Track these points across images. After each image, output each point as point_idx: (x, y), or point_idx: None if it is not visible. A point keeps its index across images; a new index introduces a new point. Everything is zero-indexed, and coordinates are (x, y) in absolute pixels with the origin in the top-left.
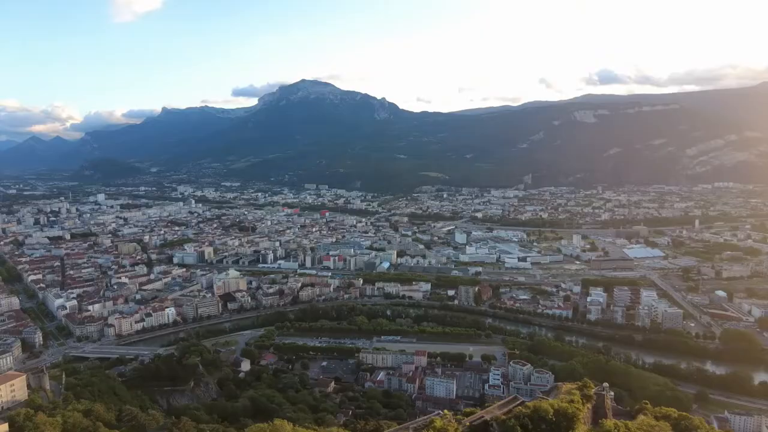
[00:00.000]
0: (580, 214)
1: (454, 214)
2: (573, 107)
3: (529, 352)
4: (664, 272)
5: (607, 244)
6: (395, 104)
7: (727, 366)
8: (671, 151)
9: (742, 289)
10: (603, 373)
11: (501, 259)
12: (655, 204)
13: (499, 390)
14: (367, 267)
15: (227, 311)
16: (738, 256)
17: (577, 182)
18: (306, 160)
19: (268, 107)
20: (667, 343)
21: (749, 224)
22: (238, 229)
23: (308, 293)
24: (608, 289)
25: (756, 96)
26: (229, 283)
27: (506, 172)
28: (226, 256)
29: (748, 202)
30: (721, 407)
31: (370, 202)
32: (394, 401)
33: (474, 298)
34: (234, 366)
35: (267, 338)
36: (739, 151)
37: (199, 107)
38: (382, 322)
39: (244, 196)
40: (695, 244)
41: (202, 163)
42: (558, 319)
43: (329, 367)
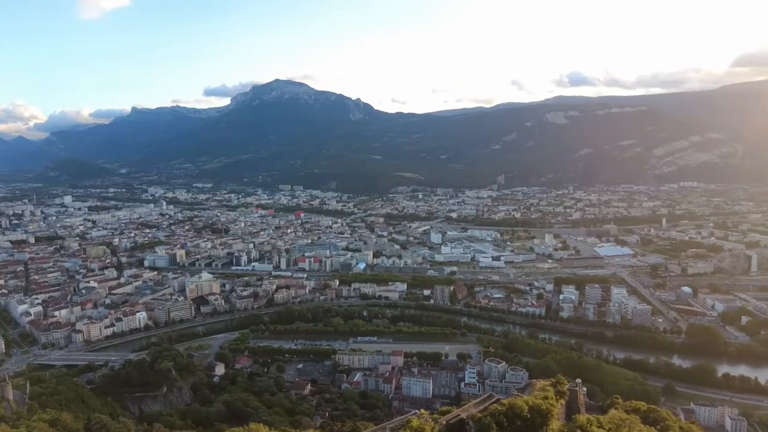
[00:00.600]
0: (551, 214)
1: (430, 214)
2: (544, 108)
3: (503, 350)
4: (634, 270)
5: (579, 242)
6: (370, 105)
7: (692, 359)
8: (639, 151)
9: (705, 285)
10: (576, 370)
11: (475, 259)
12: (625, 203)
13: (474, 388)
14: (343, 268)
15: (200, 315)
16: (702, 253)
17: (548, 182)
18: (280, 160)
19: (241, 107)
20: (636, 338)
21: (712, 222)
22: (211, 231)
23: (283, 295)
24: (580, 287)
25: (717, 99)
26: (202, 286)
27: (480, 172)
28: (199, 259)
29: (711, 201)
30: (688, 399)
31: (345, 203)
32: (371, 402)
33: (449, 298)
34: (208, 370)
35: (241, 341)
36: (703, 152)
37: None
38: (359, 323)
39: (217, 197)
40: (662, 242)
41: (173, 164)
42: (531, 317)
43: (305, 370)
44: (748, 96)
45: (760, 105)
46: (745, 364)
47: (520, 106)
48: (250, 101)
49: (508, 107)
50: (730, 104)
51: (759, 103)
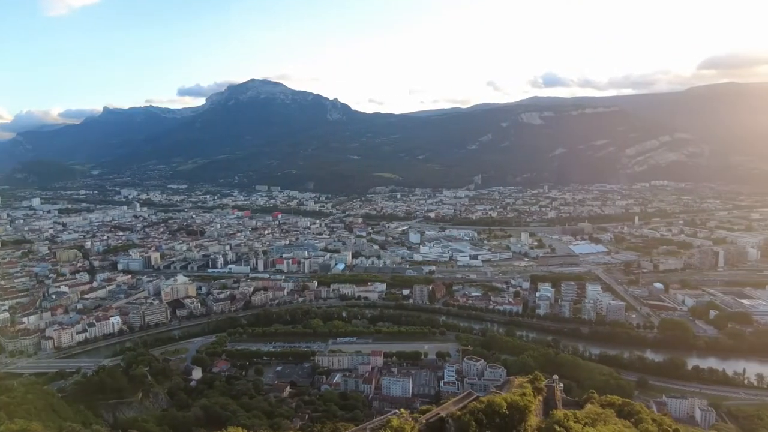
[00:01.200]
0: (527, 213)
1: (408, 214)
2: (520, 109)
3: (482, 348)
4: (608, 267)
5: (554, 241)
6: (348, 105)
7: (664, 353)
8: (612, 151)
9: (676, 281)
10: (553, 366)
11: (454, 258)
12: (598, 202)
13: (454, 386)
14: (322, 269)
15: (176, 318)
16: (673, 250)
17: (524, 182)
18: (257, 161)
19: (216, 107)
20: (611, 334)
21: (682, 220)
22: (186, 233)
23: (261, 297)
24: (556, 285)
25: (685, 100)
26: (178, 289)
27: (457, 172)
28: (174, 262)
29: (681, 199)
30: (660, 392)
31: (323, 204)
32: (351, 403)
33: (428, 297)
34: (185, 374)
35: (219, 345)
36: (672, 152)
37: (143, 107)
38: (338, 324)
39: (192, 198)
40: (635, 239)
41: (147, 165)
42: (509, 314)
43: (284, 372)
44: (713, 98)
45: (725, 107)
46: (714, 356)
47: (495, 106)
48: (226, 101)
49: (484, 108)
50: (697, 105)
51: (724, 104)
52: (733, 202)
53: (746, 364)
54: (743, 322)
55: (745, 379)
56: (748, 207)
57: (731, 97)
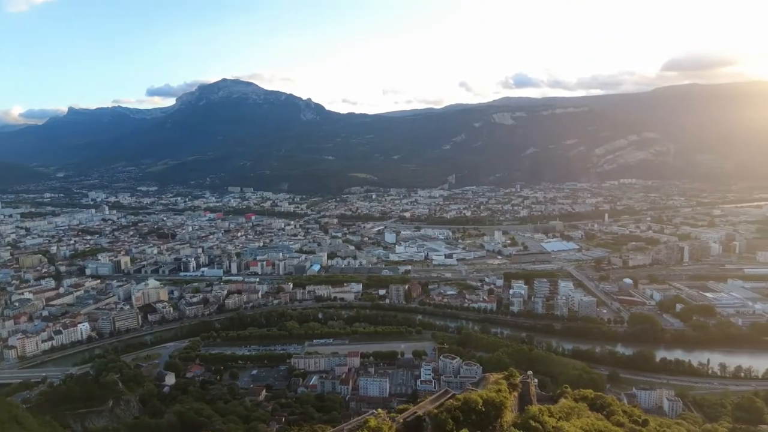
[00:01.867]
0: (500, 212)
1: (383, 214)
2: (492, 109)
3: (457, 346)
4: (579, 263)
5: (527, 239)
6: (321, 105)
7: (634, 347)
8: (582, 150)
9: (645, 276)
10: (527, 362)
11: (429, 257)
12: (569, 200)
13: (430, 385)
14: (297, 270)
15: (148, 323)
16: (641, 246)
17: (497, 181)
18: (229, 161)
19: (187, 107)
20: (583, 329)
21: (649, 217)
22: (157, 236)
23: (235, 301)
24: (529, 282)
25: (651, 100)
26: (149, 293)
27: (431, 172)
28: (145, 265)
29: (648, 197)
30: (630, 385)
31: (298, 204)
32: (328, 404)
33: (404, 296)
34: (158, 380)
35: (192, 349)
36: (640, 151)
37: (110, 107)
38: (314, 325)
39: (163, 201)
40: (605, 236)
41: (115, 167)
42: (483, 312)
43: (260, 375)
44: (677, 98)
45: (688, 107)
46: (680, 348)
47: (468, 107)
48: (197, 101)
49: (457, 108)
50: (663, 106)
51: (687, 105)
52: (697, 199)
53: (710, 354)
54: (707, 315)
55: (709, 369)
56: (710, 204)
57: (694, 97)
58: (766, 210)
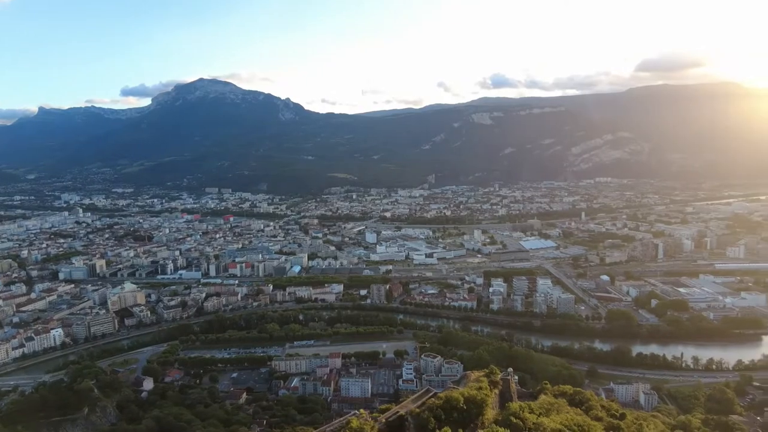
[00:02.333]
0: (479, 211)
1: (364, 214)
2: (470, 110)
3: (439, 345)
4: (557, 261)
5: (505, 237)
6: (300, 105)
7: (611, 342)
8: (558, 149)
9: (621, 273)
10: (507, 359)
11: (410, 257)
12: (546, 199)
13: (412, 384)
14: (277, 272)
15: (125, 328)
16: (617, 244)
17: (476, 180)
18: (206, 162)
19: (163, 107)
20: (561, 326)
21: (625, 214)
22: (133, 238)
23: (214, 303)
24: (508, 280)
25: (625, 101)
26: (126, 297)
27: (411, 172)
28: (121, 269)
29: (624, 195)
30: (608, 379)
31: (277, 205)
32: (310, 406)
33: (385, 296)
34: (135, 386)
35: (171, 353)
36: (615, 150)
37: (83, 107)
38: (295, 327)
39: (139, 202)
40: (582, 234)
41: (89, 169)
42: (464, 310)
43: (240, 378)
44: (651, 98)
45: (661, 107)
46: (656, 342)
47: (447, 107)
48: (173, 101)
49: (437, 108)
50: (637, 106)
51: (660, 105)
52: (670, 196)
53: (684, 348)
54: (680, 310)
55: (682, 363)
56: (682, 201)
57: (666, 98)
58: (734, 207)
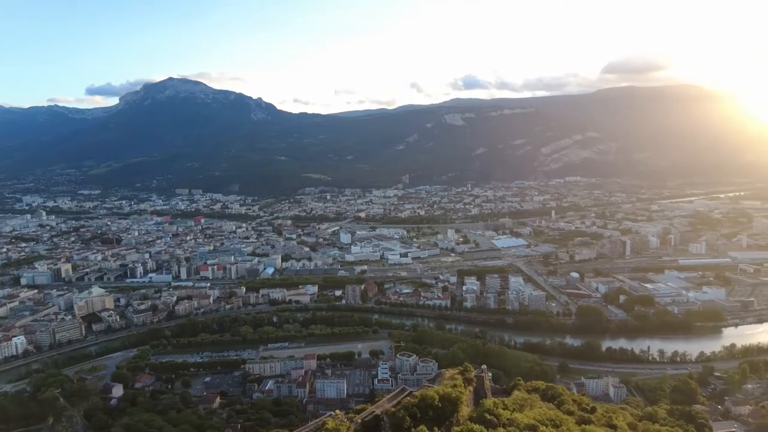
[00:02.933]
0: (453, 210)
1: (338, 214)
2: (443, 110)
3: (414, 343)
4: (528, 259)
5: (478, 236)
6: (272, 105)
7: (581, 338)
8: (529, 150)
9: (590, 270)
10: (481, 356)
11: (384, 257)
12: (518, 198)
13: (388, 383)
14: (250, 274)
15: (93, 333)
16: (586, 241)
17: (449, 180)
18: (176, 163)
19: (131, 107)
20: (533, 323)
21: (593, 213)
22: (101, 241)
23: (185, 307)
24: (481, 278)
25: (593, 102)
26: (93, 302)
27: (385, 172)
28: (88, 273)
29: (592, 194)
30: (579, 374)
31: (250, 206)
32: (285, 408)
33: (360, 296)
34: (104, 393)
35: (141, 358)
36: (584, 150)
37: (46, 106)
38: (269, 329)
39: (107, 204)
40: (552, 232)
41: (53, 170)
42: (438, 309)
43: (213, 382)
44: (618, 100)
45: (627, 108)
46: (624, 337)
47: (420, 107)
48: (142, 100)
49: (410, 109)
50: (604, 106)
51: (626, 106)
52: (637, 195)
53: (650, 342)
54: (647, 305)
55: (649, 356)
56: (648, 199)
57: (632, 99)
58: (696, 205)
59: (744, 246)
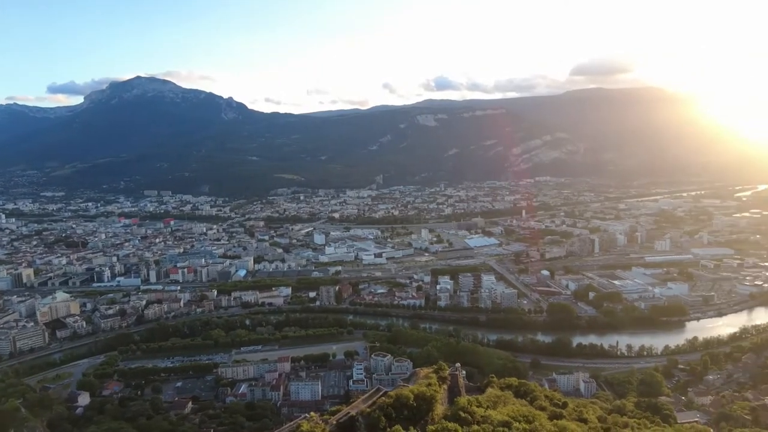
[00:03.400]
0: (426, 210)
1: (312, 215)
2: (416, 111)
3: (388, 343)
4: (500, 258)
5: (451, 235)
6: (243, 104)
7: (553, 334)
8: (500, 150)
9: (560, 267)
10: (455, 355)
11: (359, 257)
12: (489, 198)
13: (363, 384)
14: (222, 277)
15: (57, 340)
16: (556, 240)
17: (422, 181)
18: (145, 164)
19: (97, 106)
20: (506, 320)
21: (563, 212)
22: (65, 245)
23: (155, 311)
24: (454, 277)
25: (562, 103)
26: (57, 308)
27: (359, 172)
28: (52, 277)
29: (561, 193)
30: (551, 370)
31: (221, 208)
32: (259, 412)
33: (335, 297)
34: (69, 402)
35: (109, 365)
36: (553, 150)
37: (4, 104)
38: (241, 333)
39: (71, 207)
40: (523, 231)
41: (13, 171)
42: (413, 308)
43: (185, 387)
44: (585, 101)
45: (595, 109)
46: (594, 333)
47: (393, 108)
48: (108, 99)
49: (383, 109)
50: (573, 108)
51: (594, 107)
52: (605, 194)
53: (618, 337)
54: (615, 301)
55: (618, 351)
56: (616, 198)
57: (600, 101)
58: (661, 204)
59: (705, 243)
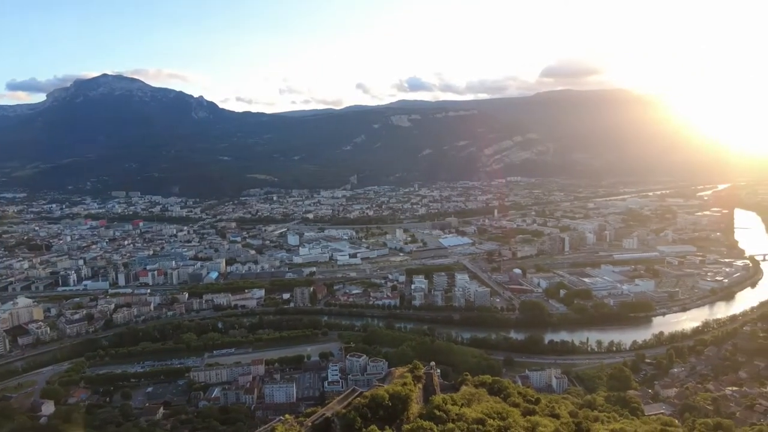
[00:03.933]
0: (401, 210)
1: (286, 216)
2: (390, 111)
3: (364, 344)
4: (473, 257)
5: (425, 235)
6: (214, 103)
7: (525, 332)
8: (472, 151)
9: (532, 266)
10: (430, 353)
11: (334, 258)
12: (462, 198)
13: (338, 385)
14: (193, 279)
15: (18, 348)
16: (527, 239)
17: (396, 181)
18: (112, 164)
19: (60, 104)
20: (479, 318)
21: (534, 211)
22: (28, 248)
23: (124, 315)
24: (428, 276)
25: (533, 104)
26: (19, 313)
27: (333, 173)
28: (13, 282)
29: (532, 193)
30: (524, 367)
31: (191, 209)
32: (233, 416)
33: (310, 299)
34: (32, 411)
35: (75, 372)
36: (524, 151)
37: None
38: (213, 336)
39: (34, 208)
40: (495, 230)
41: None
42: (388, 308)
43: (156, 393)
44: (556, 102)
45: (564, 110)
46: (565, 330)
47: (367, 108)
48: (73, 97)
49: (357, 109)
50: (543, 109)
51: (563, 108)
52: (574, 193)
53: (589, 333)
54: (585, 298)
55: (588, 347)
56: (585, 198)
57: (569, 102)
58: (628, 203)
59: (670, 240)
